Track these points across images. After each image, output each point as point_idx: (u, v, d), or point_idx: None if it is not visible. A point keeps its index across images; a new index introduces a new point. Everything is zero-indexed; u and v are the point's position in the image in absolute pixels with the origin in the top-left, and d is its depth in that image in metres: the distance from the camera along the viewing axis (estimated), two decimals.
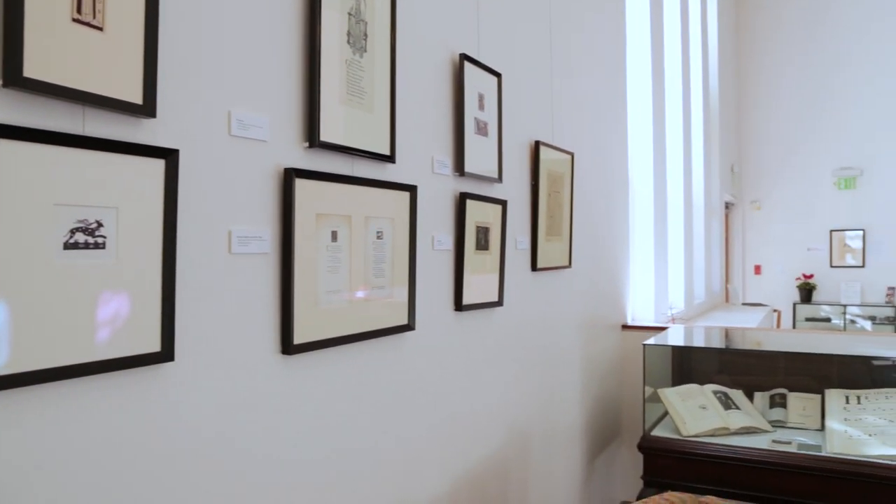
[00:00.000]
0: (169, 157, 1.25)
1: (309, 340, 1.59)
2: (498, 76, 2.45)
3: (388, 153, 1.85)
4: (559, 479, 3.20)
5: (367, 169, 1.81)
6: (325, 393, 1.69)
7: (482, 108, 2.36)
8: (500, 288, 2.49)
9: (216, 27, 1.39)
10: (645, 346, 3.39)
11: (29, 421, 1.06)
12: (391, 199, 1.88)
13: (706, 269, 7.17)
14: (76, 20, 1.10)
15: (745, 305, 8.77)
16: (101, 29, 1.13)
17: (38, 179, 1.05)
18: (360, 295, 1.76)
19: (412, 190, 1.95)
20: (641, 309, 4.59)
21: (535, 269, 2.83)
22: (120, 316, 1.17)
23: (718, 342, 4.07)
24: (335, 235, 1.67)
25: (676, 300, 5.64)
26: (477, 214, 2.32)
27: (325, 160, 1.67)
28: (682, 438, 3.00)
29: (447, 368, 2.23)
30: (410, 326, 1.97)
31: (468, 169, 2.26)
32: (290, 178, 1.53)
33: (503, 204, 2.48)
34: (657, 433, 3.09)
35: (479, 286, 2.36)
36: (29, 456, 1.07)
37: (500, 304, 2.50)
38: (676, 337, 3.90)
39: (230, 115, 1.41)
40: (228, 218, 1.41)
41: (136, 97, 1.18)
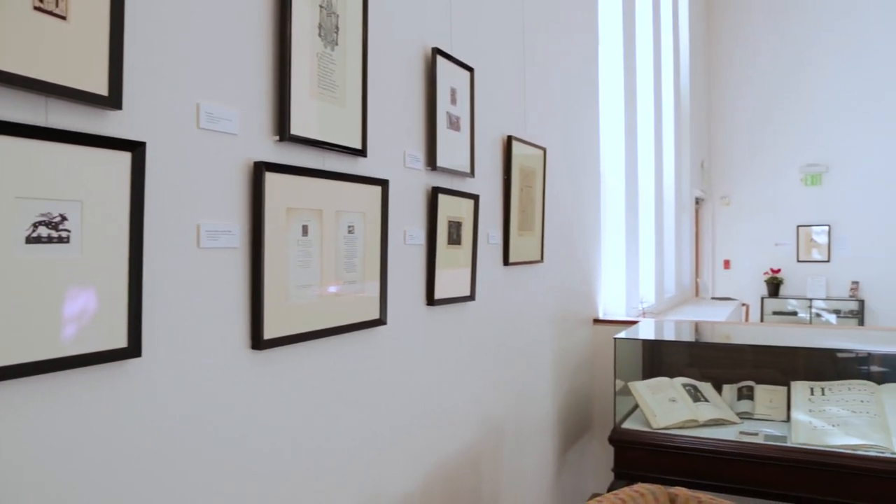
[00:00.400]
0: (135, 149, 1.23)
1: (279, 335, 1.58)
2: (470, 70, 2.45)
3: (359, 147, 1.84)
4: (531, 472, 3.23)
5: (338, 163, 1.80)
6: (295, 388, 1.68)
7: (454, 102, 2.36)
8: (472, 282, 2.50)
9: (185, 18, 1.37)
10: (616, 339, 3.43)
11: None
12: (363, 193, 1.87)
13: (676, 263, 7.26)
14: (38, 8, 1.07)
15: (714, 299, 8.90)
16: (64, 18, 1.11)
17: None
18: (331, 289, 1.75)
19: (384, 184, 1.95)
20: (613, 303, 4.63)
21: (507, 263, 2.84)
22: (84, 311, 1.15)
23: (688, 336, 4.13)
24: (306, 230, 1.66)
25: (647, 294, 5.71)
26: (449, 209, 2.32)
27: (295, 154, 1.66)
28: (652, 431, 3.03)
29: (419, 363, 2.23)
30: (382, 321, 1.96)
31: (440, 163, 2.25)
32: (260, 171, 1.52)
33: (475, 198, 2.48)
34: (628, 426, 3.13)
35: (451, 281, 2.36)
36: None
37: (472, 298, 2.51)
38: (647, 331, 3.94)
39: (199, 107, 1.39)
40: (197, 212, 1.40)
41: (101, 88, 1.16)
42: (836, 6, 9.57)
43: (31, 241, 1.07)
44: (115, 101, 1.18)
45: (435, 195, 2.23)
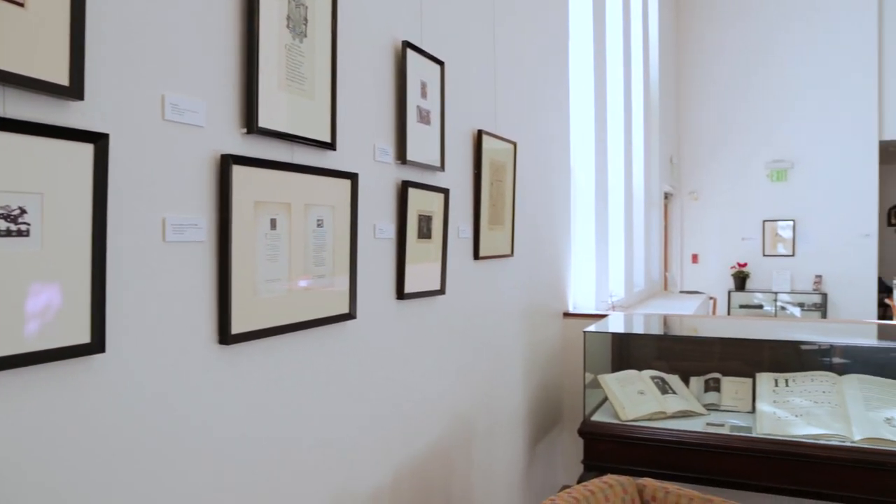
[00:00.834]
0: (98, 141, 1.20)
1: (247, 330, 1.56)
2: (441, 64, 2.45)
3: (328, 140, 1.83)
4: (502, 465, 3.24)
5: (307, 156, 1.79)
6: (264, 383, 1.67)
7: (425, 96, 2.35)
8: (442, 276, 2.50)
9: (150, 6, 1.34)
10: (585, 333, 3.45)
11: None
12: (332, 186, 1.86)
13: (646, 257, 7.34)
14: None
15: (682, 293, 9.02)
16: (22, 5, 1.08)
17: None
18: (299, 284, 1.74)
19: (353, 178, 1.93)
20: (582, 297, 4.66)
21: (477, 257, 2.84)
22: (46, 306, 1.13)
23: (657, 329, 4.18)
24: (274, 223, 1.64)
25: (617, 288, 5.76)
26: (419, 203, 2.31)
27: (263, 147, 1.64)
28: (621, 423, 3.07)
29: (389, 357, 2.23)
30: (352, 315, 1.95)
31: (410, 157, 2.25)
32: (227, 164, 1.50)
33: (445, 192, 2.48)
34: (597, 418, 3.16)
35: (421, 274, 2.36)
36: None
37: (442, 292, 2.51)
38: (616, 324, 3.98)
39: (164, 98, 1.37)
40: (162, 205, 1.37)
41: (62, 78, 1.14)
42: (796, 4, 9.73)
43: None
44: (76, 91, 1.16)
45: (405, 189, 2.23)
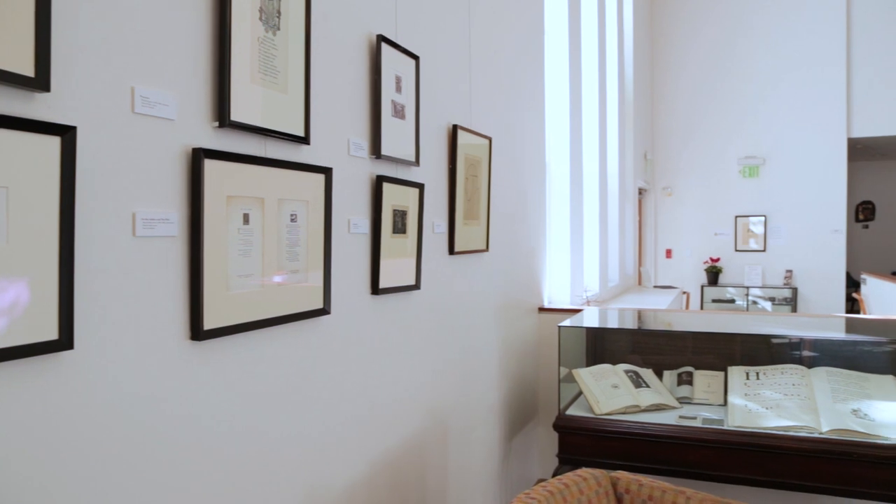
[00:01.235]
0: (65, 134, 1.18)
1: (220, 326, 1.55)
2: (416, 59, 2.44)
3: (302, 134, 1.82)
4: (477, 459, 3.25)
5: (280, 150, 1.77)
6: (237, 379, 1.65)
7: (399, 90, 2.34)
8: (417, 271, 2.50)
9: None
10: (560, 327, 3.47)
11: None
12: (305, 181, 1.84)
13: (620, 252, 7.40)
14: None
15: (656, 288, 9.11)
16: None
17: None
18: (273, 279, 1.72)
19: (327, 172, 1.92)
20: (557, 292, 4.69)
21: (452, 252, 2.84)
22: (12, 302, 1.11)
23: (631, 323, 4.22)
24: (247, 218, 1.63)
25: (591, 283, 5.80)
26: (394, 198, 2.30)
27: (236, 141, 1.62)
28: (595, 417, 3.09)
29: (364, 352, 2.22)
30: (326, 310, 1.94)
31: (385, 152, 2.24)
32: (198, 158, 1.48)
33: (420, 187, 2.48)
34: (572, 412, 3.18)
35: (396, 270, 2.35)
36: None
37: (417, 287, 2.51)
38: (591, 319, 4.01)
39: (133, 91, 1.35)
40: (132, 200, 1.35)
41: (26, 69, 1.11)
42: (767, 3, 9.85)
43: None
44: (42, 82, 1.14)
45: (379, 184, 2.22)
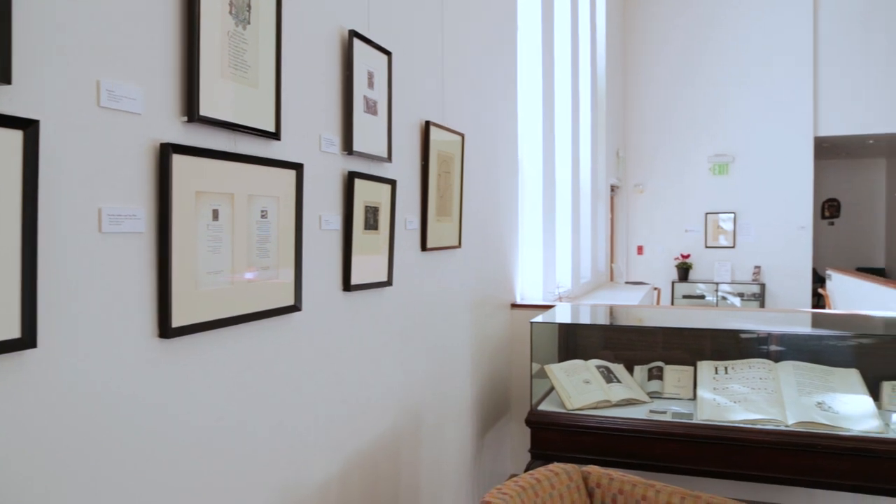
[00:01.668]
0: (27, 128, 1.15)
1: (189, 323, 1.53)
2: (388, 54, 2.43)
3: (272, 130, 1.80)
4: (450, 455, 3.26)
5: (250, 146, 1.76)
6: (207, 377, 1.63)
7: (372, 86, 2.33)
8: (389, 268, 2.49)
9: None
10: (532, 323, 3.49)
11: None
12: (276, 177, 1.83)
13: (592, 249, 7.46)
14: None
15: (628, 284, 9.21)
16: None
17: None
18: (243, 276, 1.71)
19: (298, 168, 1.91)
20: (530, 288, 4.71)
21: (424, 248, 2.84)
22: None
23: (602, 319, 4.25)
24: (216, 214, 1.61)
25: (564, 279, 5.84)
26: (366, 194, 2.30)
27: (205, 135, 1.60)
28: (567, 412, 3.11)
29: (336, 348, 2.21)
30: (297, 307, 1.93)
31: (357, 148, 2.23)
32: (166, 153, 1.46)
33: (393, 184, 2.47)
34: (544, 408, 3.20)
35: (368, 266, 2.34)
36: None
37: (389, 283, 2.50)
38: (563, 315, 4.04)
39: (99, 84, 1.33)
40: (98, 195, 1.33)
41: None
42: (737, 3, 9.99)
43: None
44: (3, 74, 1.11)
45: (351, 180, 2.21)
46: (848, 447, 2.68)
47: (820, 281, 10.59)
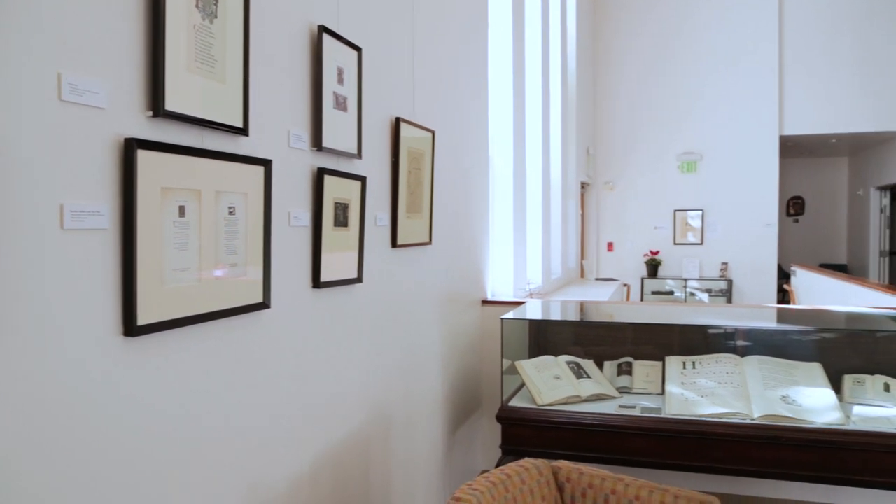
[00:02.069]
0: None
1: (154, 321, 1.50)
2: (358, 50, 2.42)
3: (240, 125, 1.78)
4: (421, 452, 3.26)
5: (217, 141, 1.73)
6: (174, 375, 1.61)
7: (341, 82, 2.32)
8: (359, 264, 2.48)
9: None
10: (503, 320, 3.50)
11: None
12: (244, 173, 1.81)
13: (563, 246, 7.50)
14: None
15: (598, 280, 9.29)
16: None
17: None
18: (210, 273, 1.69)
19: (267, 164, 1.89)
20: (501, 285, 4.73)
21: (395, 245, 2.83)
22: None
23: (572, 315, 4.29)
24: (183, 210, 1.59)
25: (534, 276, 5.87)
26: (335, 190, 2.28)
27: (171, 131, 1.58)
28: (537, 408, 3.13)
29: (306, 346, 2.20)
30: (266, 304, 1.92)
31: (326, 144, 2.21)
32: (131, 148, 1.44)
33: (363, 180, 2.46)
34: (514, 404, 3.21)
35: (337, 263, 2.33)
36: None
37: (359, 280, 2.49)
38: (533, 311, 4.06)
39: (60, 77, 1.30)
40: (60, 191, 1.30)
41: None
42: (709, 6, 10.13)
43: None
44: None
45: (321, 176, 2.20)
46: (811, 439, 2.73)
47: (785, 277, 10.79)
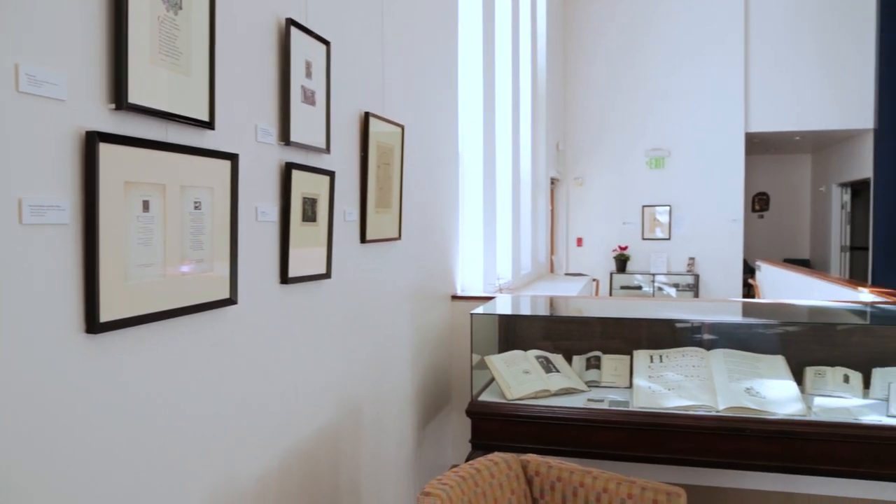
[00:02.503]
0: None
1: (118, 318, 1.48)
2: (327, 44, 2.40)
3: (206, 119, 1.75)
4: (391, 447, 3.26)
5: (182, 135, 1.71)
6: (138, 372, 1.59)
7: (309, 76, 2.30)
8: (328, 260, 2.46)
9: None
10: (472, 315, 3.51)
11: None
12: (210, 167, 1.78)
13: (532, 241, 7.54)
14: None
15: (567, 275, 9.36)
16: None
17: None
18: (176, 269, 1.66)
19: (233, 158, 1.87)
20: (470, 280, 4.74)
21: (364, 240, 2.82)
22: None
23: (542, 310, 4.31)
24: (147, 205, 1.56)
25: (504, 271, 5.89)
26: (304, 185, 2.26)
27: (134, 124, 1.55)
28: (507, 402, 3.15)
29: (274, 342, 2.18)
30: (233, 300, 1.89)
31: (294, 138, 2.19)
32: (93, 142, 1.41)
33: (331, 175, 2.44)
34: (484, 398, 3.22)
35: (306, 258, 2.31)
36: None
37: (328, 276, 2.48)
38: (503, 306, 4.07)
39: (17, 68, 1.26)
40: (18, 185, 1.27)
41: None
42: (679, 6, 10.25)
43: None
44: None
45: (288, 171, 2.18)
46: (774, 430, 2.79)
47: (750, 271, 10.98)
